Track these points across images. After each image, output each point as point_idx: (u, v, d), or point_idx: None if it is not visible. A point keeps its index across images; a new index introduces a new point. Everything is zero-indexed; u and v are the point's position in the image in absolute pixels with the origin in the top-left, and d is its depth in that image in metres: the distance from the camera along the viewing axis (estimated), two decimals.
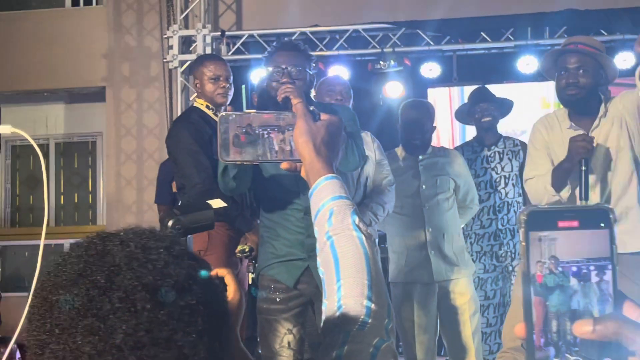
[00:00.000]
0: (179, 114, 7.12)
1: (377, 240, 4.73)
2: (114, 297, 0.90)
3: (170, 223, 1.87)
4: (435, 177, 4.32)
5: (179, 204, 3.74)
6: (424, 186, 4.31)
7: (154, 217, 7.79)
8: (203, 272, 0.99)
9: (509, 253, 4.72)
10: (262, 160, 1.44)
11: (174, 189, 4.83)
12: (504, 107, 5.01)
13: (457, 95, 7.00)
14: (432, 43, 6.76)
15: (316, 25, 6.99)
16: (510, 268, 4.73)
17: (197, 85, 4.00)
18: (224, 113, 1.42)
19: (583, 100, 3.53)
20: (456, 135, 6.92)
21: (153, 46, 7.84)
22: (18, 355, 6.88)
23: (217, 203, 1.96)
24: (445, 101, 7.03)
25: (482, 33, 6.71)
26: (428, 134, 4.39)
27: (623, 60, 6.33)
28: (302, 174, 1.39)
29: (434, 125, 4.48)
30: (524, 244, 0.90)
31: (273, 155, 1.42)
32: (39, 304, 0.93)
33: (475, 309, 4.27)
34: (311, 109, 1.43)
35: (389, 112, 6.46)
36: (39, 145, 7.81)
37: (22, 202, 8.91)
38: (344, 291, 1.20)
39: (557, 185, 3.51)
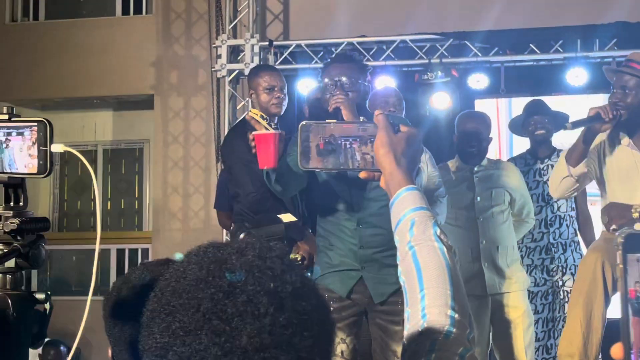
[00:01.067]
0: (226, 122, 7.20)
1: None
2: (238, 302, 0.95)
3: (242, 236, 1.91)
4: (491, 189, 4.31)
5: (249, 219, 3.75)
6: (478, 198, 4.29)
7: (199, 224, 7.88)
8: (312, 280, 1.05)
9: (560, 267, 4.68)
10: (343, 168, 1.49)
11: None
12: (559, 120, 4.96)
13: (504, 107, 6.96)
14: (479, 54, 6.74)
15: (363, 36, 7.01)
16: (561, 283, 4.68)
17: (252, 95, 4.05)
18: (304, 122, 1.47)
19: (627, 122, 3.51)
20: (503, 147, 6.88)
21: (201, 55, 7.93)
22: (68, 358, 6.98)
23: (287, 217, 2.00)
24: (493, 113, 6.98)
25: (530, 45, 6.67)
26: (485, 144, 4.39)
27: None
28: (382, 184, 1.43)
29: (490, 136, 4.48)
30: (621, 266, 0.91)
31: (354, 164, 1.47)
32: (160, 309, 0.98)
33: (529, 323, 4.24)
34: (391, 122, 1.47)
35: (436, 123, 6.45)
36: (87, 152, 7.93)
37: (69, 207, 9.07)
38: (428, 301, 1.24)
39: (571, 158, 3.49)
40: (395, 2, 7.16)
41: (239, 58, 7.24)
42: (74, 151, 1.34)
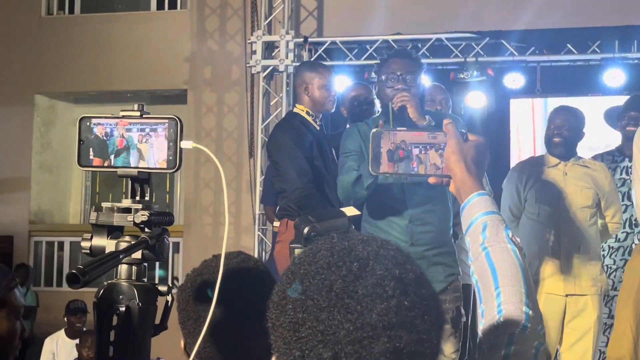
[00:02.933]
0: (260, 118, 7.24)
1: None
2: (368, 284, 1.05)
3: (306, 230, 1.92)
4: (580, 188, 4.22)
5: (313, 212, 3.77)
6: (565, 195, 4.21)
7: (230, 219, 7.92)
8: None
9: None
10: (414, 174, 1.55)
11: None
12: None
13: (540, 107, 6.94)
14: (516, 53, 6.73)
15: (398, 34, 7.01)
16: None
17: (304, 89, 4.03)
18: (375, 129, 1.54)
19: None
20: (538, 147, 6.86)
21: (235, 50, 7.97)
22: None
23: (350, 211, 2.00)
24: (528, 113, 6.98)
25: (567, 44, 6.64)
26: (575, 138, 4.31)
27: None
28: (451, 189, 1.51)
29: (583, 131, 4.39)
30: None
31: (426, 170, 1.54)
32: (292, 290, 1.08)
33: (599, 329, 4.15)
34: (462, 130, 1.54)
35: (471, 122, 6.45)
36: None
37: (101, 200, 9.12)
38: (504, 297, 1.32)
39: None
40: (431, 0, 7.15)
41: (273, 54, 7.27)
42: (204, 148, 1.38)
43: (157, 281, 1.38)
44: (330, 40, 7.11)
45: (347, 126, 4.57)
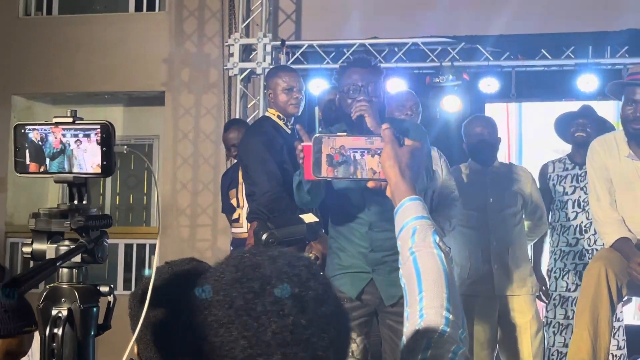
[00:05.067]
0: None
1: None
2: (266, 302, 1.09)
3: (264, 237, 1.95)
4: (503, 191, 4.34)
5: (270, 218, 3.82)
6: (491, 200, 4.32)
7: (207, 221, 7.93)
8: (333, 288, 1.19)
9: None
10: (352, 178, 1.60)
11: (231, 198, 4.96)
12: (604, 129, 4.91)
13: (514, 111, 7.00)
14: (491, 58, 6.78)
15: (375, 38, 7.05)
16: None
17: (270, 95, 4.10)
18: (317, 135, 1.59)
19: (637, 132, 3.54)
20: (513, 151, 6.92)
21: (213, 53, 7.97)
22: None
23: (309, 217, 2.03)
24: (503, 117, 7.03)
25: (542, 50, 6.71)
26: (494, 145, 4.44)
27: None
28: (388, 193, 1.56)
29: (499, 137, 4.54)
30: None
31: (363, 174, 1.59)
32: (198, 303, 1.12)
33: (537, 328, 4.26)
34: (398, 135, 1.59)
35: (446, 125, 6.50)
36: None
37: None
38: (426, 302, 1.36)
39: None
40: (408, 4, 7.20)
41: (251, 57, 7.29)
42: (137, 152, 1.40)
43: None
44: (308, 44, 7.14)
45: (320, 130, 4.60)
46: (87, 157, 1.36)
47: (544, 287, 4.73)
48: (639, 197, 3.61)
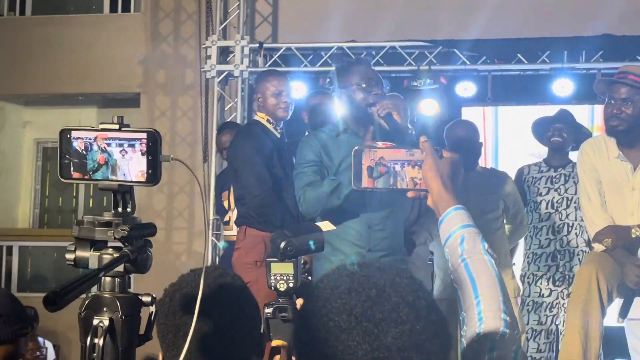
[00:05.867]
0: (214, 123, 7.23)
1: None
2: (384, 309, 1.16)
3: (282, 245, 1.95)
4: (485, 196, 4.38)
5: (289, 226, 3.81)
6: (473, 204, 4.36)
7: (183, 224, 7.90)
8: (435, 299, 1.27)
9: (566, 277, 4.71)
10: (392, 188, 1.64)
11: (223, 200, 4.95)
12: (580, 134, 4.99)
13: (490, 115, 7.07)
14: (467, 62, 6.85)
15: (353, 41, 7.08)
16: (567, 292, 4.72)
17: (260, 99, 4.10)
18: (357, 147, 1.63)
19: (626, 132, 3.61)
20: (489, 155, 6.99)
21: (189, 55, 7.95)
22: (54, 355, 6.97)
23: (326, 226, 2.05)
24: (479, 121, 7.10)
25: (518, 54, 6.79)
26: (478, 152, 4.48)
27: None
28: (429, 203, 1.60)
29: (480, 141, 4.57)
30: None
31: (403, 185, 1.63)
32: (315, 310, 1.19)
33: (518, 331, 4.31)
34: (437, 148, 1.63)
35: (424, 129, 6.54)
36: None
37: (51, 204, 9.01)
38: (483, 306, 1.43)
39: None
40: (385, 8, 7.23)
41: (228, 59, 7.28)
42: (182, 162, 1.40)
43: None
44: (286, 47, 7.14)
45: (307, 133, 4.61)
46: (132, 165, 1.35)
47: (520, 292, 4.78)
48: (627, 198, 3.66)
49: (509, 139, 6.90)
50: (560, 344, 4.28)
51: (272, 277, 1.94)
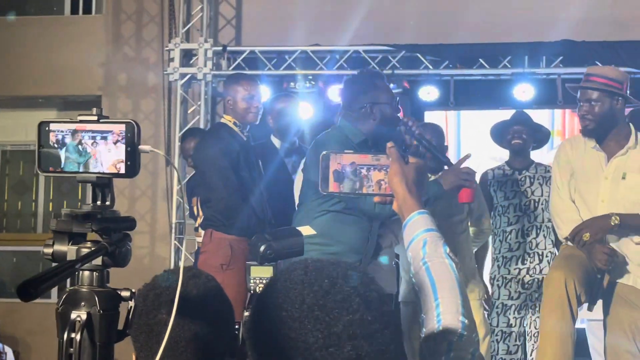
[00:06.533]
0: (177, 126, 7.20)
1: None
2: (336, 299, 1.20)
3: (262, 248, 1.96)
4: (450, 199, 4.41)
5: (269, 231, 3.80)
6: (438, 207, 4.38)
7: (145, 227, 7.82)
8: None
9: (536, 280, 4.76)
10: (359, 193, 1.68)
11: (193, 206, 4.92)
12: (539, 134, 5.06)
13: (453, 119, 7.14)
14: (430, 67, 6.91)
15: (317, 45, 7.10)
16: (536, 295, 4.76)
17: (230, 101, 4.10)
18: (325, 152, 1.67)
19: (596, 130, 3.74)
20: (451, 158, 7.02)
21: (151, 57, 7.88)
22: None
23: (306, 230, 2.06)
24: (442, 125, 7.15)
25: (480, 59, 6.87)
26: (443, 153, 4.51)
27: None
28: (394, 207, 1.64)
29: (446, 144, 4.61)
30: None
31: (369, 190, 1.67)
32: (268, 302, 1.22)
33: (485, 333, 4.34)
34: (402, 153, 1.68)
35: (298, 132, 6.55)
36: (30, 152, 7.72)
37: (10, 207, 8.87)
38: (443, 308, 1.46)
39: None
40: (349, 12, 7.26)
41: (191, 62, 7.25)
42: (161, 152, 1.39)
43: None
44: (249, 50, 7.13)
45: (272, 136, 4.61)
46: (111, 157, 1.34)
47: (485, 295, 4.83)
48: (600, 186, 3.79)
49: (471, 143, 6.97)
50: (534, 349, 4.36)
51: (252, 281, 1.95)
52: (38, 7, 8.56)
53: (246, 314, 1.88)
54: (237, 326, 1.85)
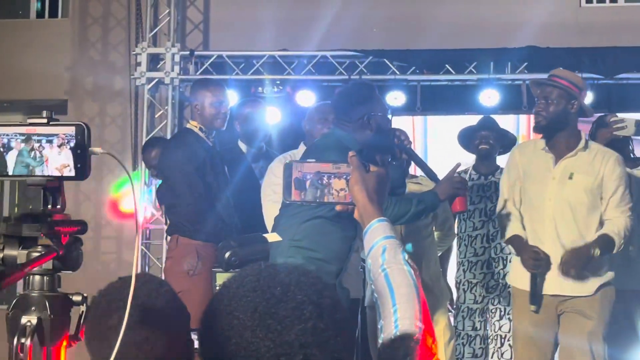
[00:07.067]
0: (144, 130, 7.16)
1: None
2: (289, 307, 1.19)
3: (227, 255, 1.96)
4: None
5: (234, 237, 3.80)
6: None
7: (111, 232, 7.77)
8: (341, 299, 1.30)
9: (500, 285, 4.80)
10: (319, 201, 1.70)
11: (162, 213, 4.89)
12: (506, 140, 5.10)
13: (420, 124, 7.19)
14: (397, 72, 6.95)
15: (285, 50, 7.11)
16: (497, 300, 4.80)
17: (197, 107, 4.08)
18: (287, 161, 1.69)
19: (547, 127, 3.89)
20: None
21: (118, 61, 7.84)
22: None
23: (272, 237, 2.07)
24: (409, 129, 7.20)
25: (446, 65, 6.92)
26: (407, 159, 4.54)
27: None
28: (356, 216, 1.66)
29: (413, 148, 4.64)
30: None
31: (329, 198, 1.68)
32: (221, 308, 1.21)
33: (450, 336, 4.37)
34: (364, 162, 1.69)
35: (266, 137, 6.56)
36: None
37: None
38: (400, 314, 1.47)
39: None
40: (317, 18, 7.28)
41: (158, 66, 7.21)
42: (112, 154, 1.38)
43: None
44: (217, 54, 7.12)
45: (239, 142, 4.60)
46: (61, 160, 1.33)
47: (450, 298, 4.86)
48: (548, 186, 3.91)
49: (438, 148, 7.02)
50: (495, 352, 4.44)
51: (218, 287, 1.93)
52: (3, 10, 8.46)
53: None
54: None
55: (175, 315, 1.74)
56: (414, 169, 6.84)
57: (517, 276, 4.00)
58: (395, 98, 6.90)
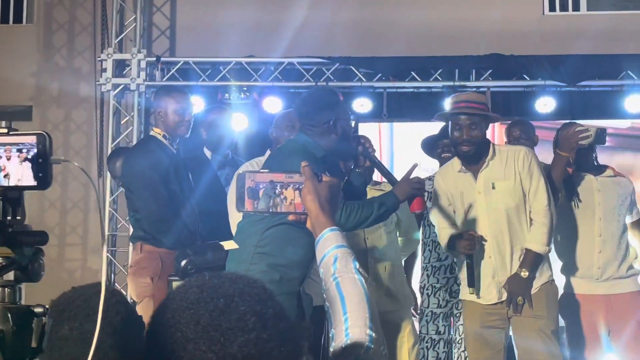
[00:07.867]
0: (110, 136, 7.12)
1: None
2: (232, 319, 1.18)
3: (183, 263, 1.96)
4: None
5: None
6: None
7: (76, 240, 7.71)
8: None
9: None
10: (272, 211, 1.70)
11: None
12: None
13: (386, 131, 7.23)
14: (364, 79, 6.99)
15: (251, 56, 7.12)
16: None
17: (160, 113, 4.06)
18: (240, 171, 1.68)
19: (476, 154, 4.02)
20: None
21: (83, 67, 7.79)
22: None
23: (229, 245, 2.07)
24: (375, 136, 7.24)
25: (412, 72, 6.98)
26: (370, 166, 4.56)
27: (543, 104, 6.79)
28: (308, 225, 1.67)
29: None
30: None
31: (282, 208, 1.69)
32: (164, 322, 1.20)
33: (414, 341, 4.41)
34: (316, 172, 1.71)
35: (232, 143, 6.57)
36: None
37: None
38: (351, 322, 1.49)
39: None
40: (284, 25, 7.30)
41: (124, 72, 7.18)
42: (75, 163, 1.37)
43: None
44: (183, 61, 7.11)
45: (204, 148, 4.59)
46: (22, 170, 1.31)
47: (414, 303, 4.89)
48: (477, 201, 4.04)
49: (404, 154, 7.06)
50: (459, 356, 4.49)
51: None
52: None
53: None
54: None
55: (128, 324, 1.73)
56: (378, 176, 6.90)
57: (464, 290, 4.14)
58: (362, 105, 6.95)
